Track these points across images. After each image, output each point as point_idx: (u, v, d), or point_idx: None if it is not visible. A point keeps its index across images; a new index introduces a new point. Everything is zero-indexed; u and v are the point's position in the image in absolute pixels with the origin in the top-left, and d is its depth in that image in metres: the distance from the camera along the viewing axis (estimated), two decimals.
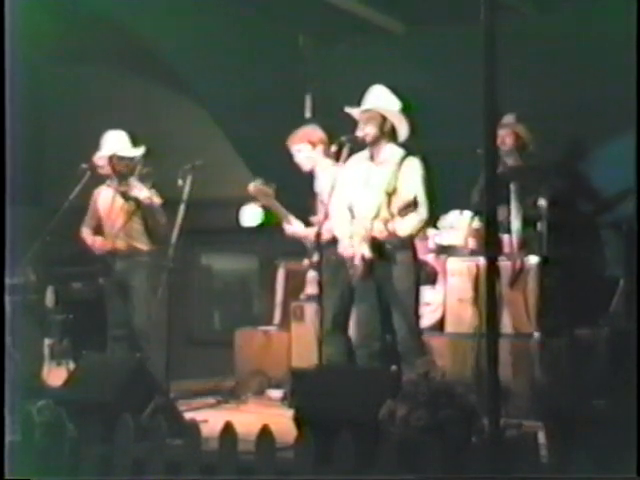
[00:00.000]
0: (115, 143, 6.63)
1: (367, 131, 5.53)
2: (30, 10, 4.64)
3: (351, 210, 5.63)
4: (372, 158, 5.61)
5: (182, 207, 5.85)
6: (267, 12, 7.49)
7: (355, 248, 5.49)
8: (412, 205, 5.48)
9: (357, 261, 5.49)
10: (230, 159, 8.11)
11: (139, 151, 6.64)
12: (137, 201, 6.54)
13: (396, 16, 7.95)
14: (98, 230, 6.77)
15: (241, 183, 6.49)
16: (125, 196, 6.57)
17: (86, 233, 6.78)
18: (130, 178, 6.61)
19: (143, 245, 6.61)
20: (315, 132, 6.19)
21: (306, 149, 6.14)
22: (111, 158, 6.62)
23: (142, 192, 6.52)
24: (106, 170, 6.69)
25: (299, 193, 6.30)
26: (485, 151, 3.88)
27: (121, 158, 6.62)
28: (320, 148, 6.12)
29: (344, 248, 5.61)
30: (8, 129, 4.34)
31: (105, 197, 6.74)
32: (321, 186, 6.08)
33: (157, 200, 6.51)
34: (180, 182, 6.05)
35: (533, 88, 6.94)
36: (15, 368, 5.32)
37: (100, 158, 6.64)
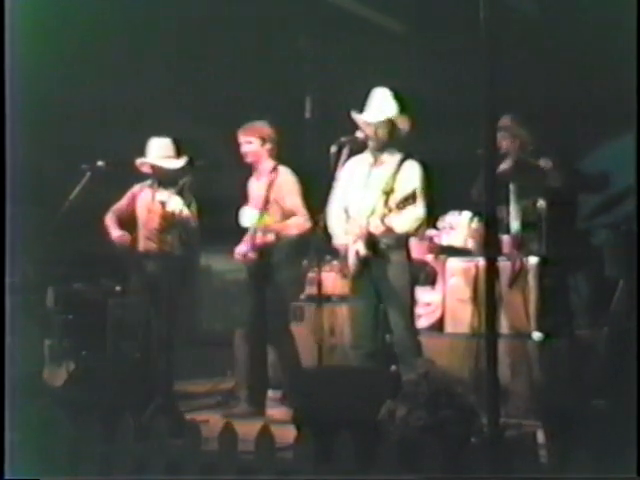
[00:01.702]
0: (156, 152, 6.52)
1: (379, 136, 5.54)
2: (30, 10, 4.64)
3: (347, 211, 5.65)
4: (373, 160, 5.63)
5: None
6: (267, 13, 7.49)
7: (350, 246, 5.51)
8: (409, 199, 5.48)
9: (351, 259, 5.50)
10: (230, 159, 8.11)
11: (179, 163, 6.49)
12: (172, 213, 6.45)
13: (396, 16, 7.97)
14: (127, 225, 6.71)
15: (240, 184, 6.50)
16: (162, 203, 6.50)
17: (110, 221, 6.66)
18: (170, 188, 6.52)
19: (175, 250, 6.51)
20: (266, 129, 6.22)
21: (257, 143, 6.16)
22: (153, 166, 6.54)
23: (177, 206, 6.39)
24: (148, 170, 6.61)
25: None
26: (485, 151, 3.89)
27: (160, 167, 6.54)
28: (268, 145, 6.16)
29: (338, 246, 5.64)
30: (8, 129, 4.35)
31: (144, 198, 6.67)
32: (260, 185, 6.16)
33: (192, 218, 6.38)
34: (181, 182, 6.06)
35: (533, 88, 6.94)
36: (15, 368, 5.33)
37: (142, 164, 6.60)
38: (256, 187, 6.24)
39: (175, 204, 6.36)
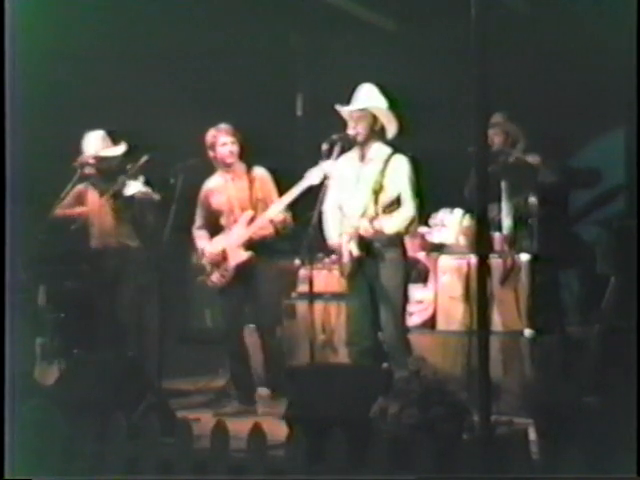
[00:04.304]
0: (95, 143, 6.66)
1: (359, 130, 5.56)
2: (30, 10, 4.64)
3: (341, 209, 5.66)
4: (361, 157, 5.64)
5: (174, 205, 5.89)
6: (259, 11, 7.48)
7: (344, 246, 5.52)
8: (398, 202, 5.51)
9: (345, 259, 5.51)
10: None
11: (120, 149, 6.66)
12: (125, 198, 6.55)
13: (388, 13, 7.97)
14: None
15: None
16: (114, 195, 6.58)
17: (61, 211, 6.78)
18: (119, 176, 6.60)
19: (133, 243, 6.62)
20: (236, 130, 6.21)
21: (234, 146, 6.17)
22: (95, 158, 6.66)
23: (131, 188, 6.52)
24: (90, 170, 6.72)
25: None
26: (476, 149, 3.89)
27: (103, 158, 6.65)
28: (239, 147, 6.19)
29: (333, 244, 5.66)
30: (8, 129, 4.36)
31: (92, 197, 6.75)
32: (241, 186, 6.17)
33: (149, 194, 6.51)
34: (172, 180, 6.07)
35: (524, 86, 6.95)
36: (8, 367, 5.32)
37: (84, 159, 6.68)
38: (234, 187, 6.22)
39: (133, 187, 6.45)
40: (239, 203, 6.18)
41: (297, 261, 6.46)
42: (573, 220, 6.67)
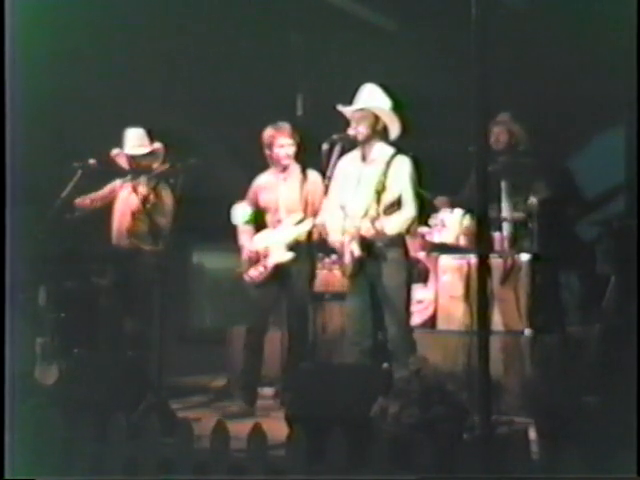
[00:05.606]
0: (129, 141, 6.65)
1: (360, 130, 5.56)
2: (30, 10, 4.65)
3: (343, 209, 5.66)
4: (363, 157, 5.64)
5: (174, 205, 5.89)
6: (259, 11, 7.49)
7: (345, 246, 5.52)
8: (399, 203, 5.51)
9: (347, 259, 5.51)
10: (222, 157, 8.11)
11: (144, 150, 6.62)
12: (143, 199, 6.52)
13: (388, 13, 7.97)
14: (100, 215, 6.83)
15: (233, 181, 6.50)
16: (134, 188, 6.58)
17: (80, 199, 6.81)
18: (141, 176, 6.59)
19: (147, 245, 6.58)
20: (293, 130, 6.18)
21: (292, 148, 6.15)
22: (126, 155, 6.66)
23: (141, 189, 6.50)
24: (125, 166, 6.72)
25: None
26: (477, 149, 3.89)
27: (133, 156, 6.64)
28: (296, 147, 6.15)
29: (335, 244, 5.66)
30: (8, 129, 4.36)
31: (122, 194, 6.76)
32: (291, 187, 6.13)
33: (153, 199, 6.47)
34: (172, 180, 6.07)
35: (525, 85, 6.95)
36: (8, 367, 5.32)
37: (117, 155, 6.68)
38: (285, 187, 6.20)
39: (144, 187, 6.42)
40: (288, 203, 6.15)
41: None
42: (573, 220, 6.67)
